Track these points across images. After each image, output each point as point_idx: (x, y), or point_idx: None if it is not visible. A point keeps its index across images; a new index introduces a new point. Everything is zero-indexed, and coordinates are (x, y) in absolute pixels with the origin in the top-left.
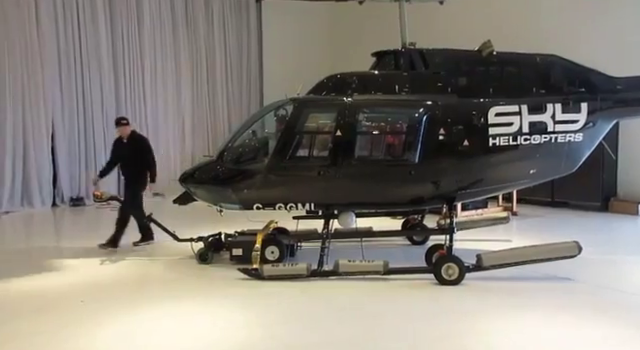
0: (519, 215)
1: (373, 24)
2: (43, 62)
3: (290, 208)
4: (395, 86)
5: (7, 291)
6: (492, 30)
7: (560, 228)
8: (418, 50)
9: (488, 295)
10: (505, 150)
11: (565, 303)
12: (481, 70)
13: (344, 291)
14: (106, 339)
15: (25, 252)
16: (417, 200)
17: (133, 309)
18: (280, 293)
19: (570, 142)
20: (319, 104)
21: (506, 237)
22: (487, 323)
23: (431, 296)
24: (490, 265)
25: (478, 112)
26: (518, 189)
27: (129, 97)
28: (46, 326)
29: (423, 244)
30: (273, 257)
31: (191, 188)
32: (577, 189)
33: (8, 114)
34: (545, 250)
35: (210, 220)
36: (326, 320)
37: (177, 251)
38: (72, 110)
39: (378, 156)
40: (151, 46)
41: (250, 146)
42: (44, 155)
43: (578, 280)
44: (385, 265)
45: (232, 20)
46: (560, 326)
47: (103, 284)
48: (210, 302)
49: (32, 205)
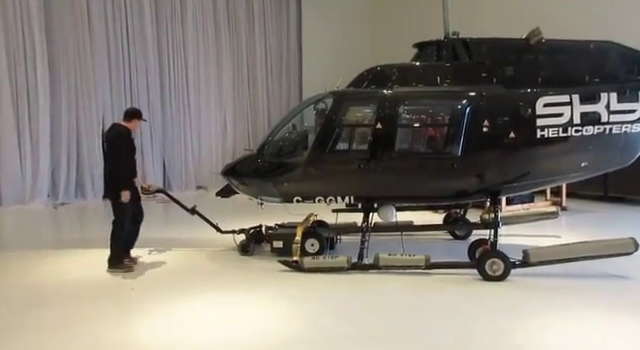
0: (569, 210)
1: (415, 15)
2: (94, 62)
3: (330, 201)
4: (437, 77)
5: (61, 278)
6: (541, 17)
7: (614, 224)
8: (462, 40)
9: (536, 293)
10: (554, 142)
11: (619, 303)
12: (529, 59)
13: (386, 285)
14: (155, 327)
15: (79, 242)
16: (460, 194)
17: (179, 298)
18: (322, 285)
19: (626, 133)
20: (359, 97)
21: (555, 233)
22: (536, 321)
23: (476, 292)
24: (538, 261)
25: (525, 103)
26: (568, 183)
27: (173, 94)
28: (98, 313)
29: (465, 239)
30: (313, 250)
31: (233, 181)
32: (634, 183)
33: (63, 112)
34: (598, 246)
35: (251, 213)
36: (369, 314)
37: (220, 243)
38: (120, 108)
39: (419, 149)
40: (194, 44)
41: (290, 140)
42: (95, 150)
43: (634, 279)
44: (427, 259)
45: (272, 15)
46: (614, 327)
47: (151, 274)
48: (252, 293)
49: (85, 197)
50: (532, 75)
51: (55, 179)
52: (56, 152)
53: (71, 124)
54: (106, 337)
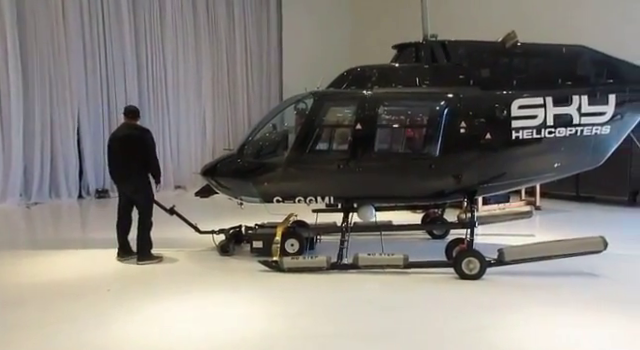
0: (542, 210)
1: (394, 17)
2: (69, 58)
3: (310, 201)
4: (416, 79)
5: (35, 280)
6: (517, 21)
7: (585, 223)
8: (440, 42)
9: (510, 290)
10: (528, 143)
11: (590, 299)
12: (505, 62)
13: (365, 284)
14: (133, 328)
15: (53, 242)
16: (438, 194)
17: (157, 299)
18: (301, 285)
19: (597, 135)
20: (339, 97)
21: (529, 232)
22: (511, 318)
23: (452, 290)
24: (512, 260)
25: (501, 104)
26: (542, 183)
27: (152, 93)
28: (75, 314)
29: (443, 238)
30: (293, 250)
31: (212, 181)
32: (604, 183)
33: (36, 109)
34: (569, 245)
35: (231, 213)
36: (349, 312)
37: (199, 243)
38: (97, 105)
39: (398, 149)
40: (173, 41)
41: (270, 139)
42: (70, 148)
43: (604, 276)
44: (405, 259)
45: (252, 14)
46: (585, 323)
47: (128, 274)
48: (232, 293)
49: (59, 197)
50: (507, 77)
51: (28, 178)
52: (29, 150)
53: (45, 122)
54: (83, 338)
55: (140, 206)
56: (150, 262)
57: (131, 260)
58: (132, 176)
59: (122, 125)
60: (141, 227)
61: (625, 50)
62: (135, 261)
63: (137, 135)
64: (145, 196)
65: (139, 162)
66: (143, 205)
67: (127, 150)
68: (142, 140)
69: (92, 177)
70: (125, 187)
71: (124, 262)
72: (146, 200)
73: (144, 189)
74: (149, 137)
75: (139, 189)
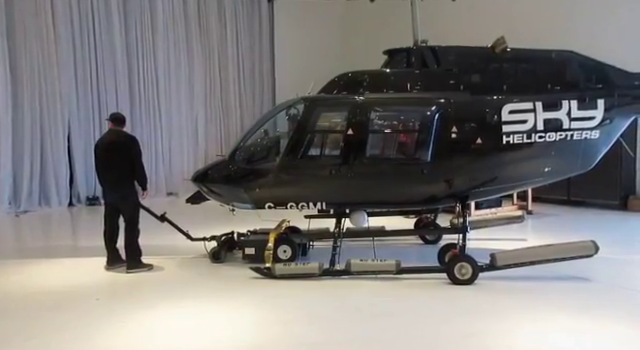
0: (534, 214)
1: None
2: (59, 65)
3: (302, 207)
4: (407, 84)
5: (24, 289)
6: (506, 26)
7: (576, 227)
8: (430, 47)
9: (502, 295)
10: (519, 148)
11: (581, 304)
12: (494, 67)
13: (357, 290)
14: (124, 336)
15: (42, 250)
16: (430, 199)
17: (148, 308)
18: (293, 292)
19: (586, 139)
20: (330, 103)
21: (521, 236)
22: (503, 323)
23: (445, 296)
24: (504, 264)
25: (491, 109)
26: (533, 187)
27: (143, 99)
28: (63, 324)
29: (436, 243)
30: (285, 256)
31: (204, 187)
32: (594, 187)
33: (26, 116)
34: (561, 249)
35: (223, 219)
36: (340, 319)
37: (190, 250)
38: (87, 111)
39: (390, 155)
40: (164, 47)
41: (262, 145)
42: (61, 156)
43: (595, 280)
44: (397, 264)
45: (244, 20)
46: (577, 327)
47: (117, 283)
48: (223, 301)
49: (49, 205)
50: (497, 82)
51: (17, 186)
52: (18, 158)
53: (34, 129)
54: (73, 347)
55: (126, 214)
56: (140, 270)
57: (120, 269)
58: (117, 183)
59: (107, 132)
60: (128, 235)
61: (613, 56)
62: (124, 269)
63: (122, 142)
64: (131, 204)
65: (124, 169)
66: (129, 213)
67: (111, 157)
68: (127, 147)
69: (83, 184)
70: (111, 194)
71: (113, 271)
72: (132, 208)
73: (130, 196)
74: (135, 144)
75: (125, 196)
